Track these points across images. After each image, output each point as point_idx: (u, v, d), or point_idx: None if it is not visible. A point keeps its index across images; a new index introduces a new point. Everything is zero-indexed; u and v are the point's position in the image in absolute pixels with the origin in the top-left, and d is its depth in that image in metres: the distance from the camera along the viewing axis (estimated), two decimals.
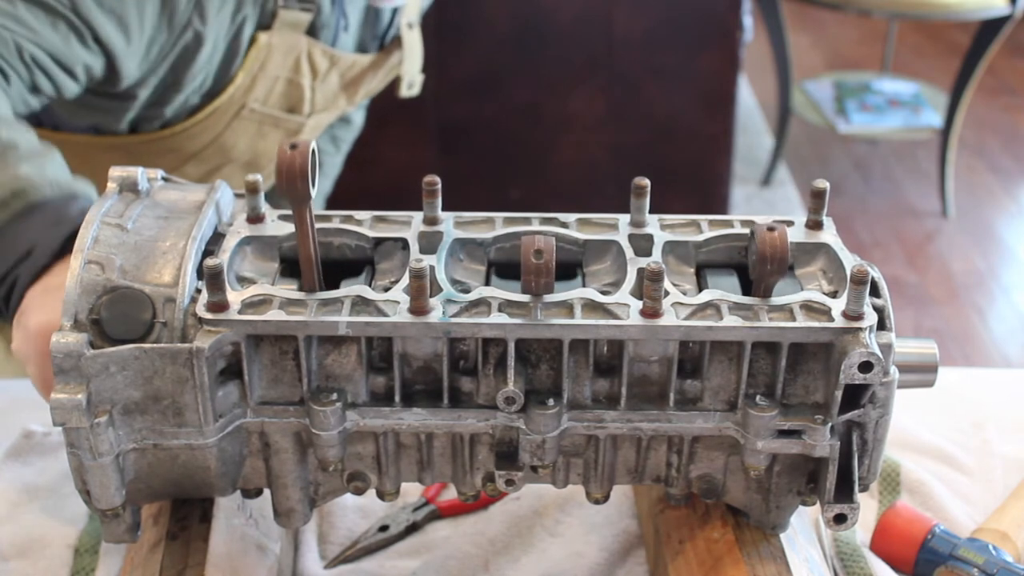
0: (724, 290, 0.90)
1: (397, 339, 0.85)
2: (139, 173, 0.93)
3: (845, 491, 0.88)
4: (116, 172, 0.93)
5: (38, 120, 1.33)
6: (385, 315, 0.84)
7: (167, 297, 0.85)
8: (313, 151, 0.86)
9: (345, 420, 0.87)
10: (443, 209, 0.96)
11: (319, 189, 1.85)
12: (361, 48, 1.57)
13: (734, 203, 3.33)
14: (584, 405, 0.88)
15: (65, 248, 0.98)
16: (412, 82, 1.67)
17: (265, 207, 0.96)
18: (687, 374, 0.88)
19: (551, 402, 0.86)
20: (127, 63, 1.26)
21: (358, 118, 1.86)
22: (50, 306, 0.92)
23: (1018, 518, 1.11)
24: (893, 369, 0.86)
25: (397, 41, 1.61)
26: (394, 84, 1.67)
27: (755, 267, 0.86)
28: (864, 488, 0.90)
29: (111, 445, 0.85)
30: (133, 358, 0.83)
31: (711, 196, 3.06)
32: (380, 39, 1.60)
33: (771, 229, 0.85)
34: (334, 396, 0.86)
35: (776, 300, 0.86)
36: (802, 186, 3.97)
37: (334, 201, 1.93)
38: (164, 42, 1.29)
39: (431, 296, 0.85)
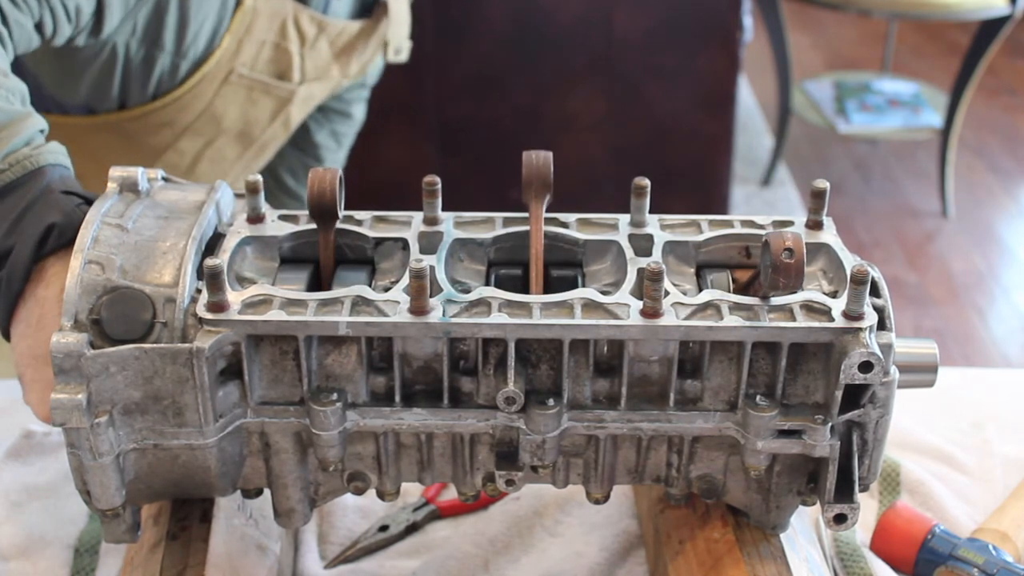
0: (724, 290, 0.90)
1: (397, 339, 0.85)
2: (139, 173, 0.93)
3: (845, 491, 0.88)
4: (116, 172, 0.93)
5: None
6: (385, 315, 0.84)
7: (167, 297, 0.85)
8: (341, 177, 0.91)
9: (345, 420, 0.87)
10: (443, 209, 0.96)
11: None
12: (354, 15, 1.57)
13: (734, 203, 3.34)
14: (584, 405, 0.88)
15: (37, 254, 0.92)
16: (399, 48, 1.67)
17: (265, 207, 0.96)
18: (687, 374, 0.88)
19: (551, 402, 0.86)
20: (112, 7, 1.26)
21: (358, 112, 1.86)
22: (44, 387, 0.91)
23: (1018, 518, 1.11)
24: (893, 369, 0.86)
25: (384, 8, 1.60)
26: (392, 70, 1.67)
27: (768, 279, 0.85)
28: (864, 488, 0.90)
29: (111, 445, 0.85)
30: (133, 358, 0.83)
31: (711, 196, 3.06)
32: (368, 5, 1.60)
33: (788, 251, 0.83)
34: (334, 396, 0.86)
35: (776, 300, 0.86)
36: (802, 186, 3.98)
37: None
38: None
39: (431, 296, 0.85)
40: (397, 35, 1.65)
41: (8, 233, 0.93)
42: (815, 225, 0.95)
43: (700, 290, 0.91)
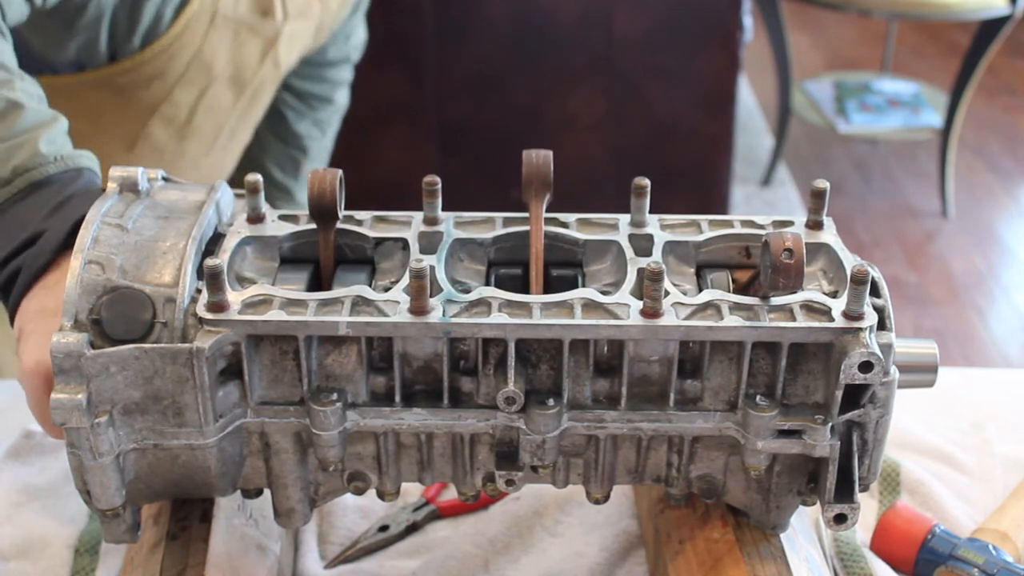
0: (724, 290, 0.90)
1: (397, 339, 0.85)
2: (139, 173, 0.93)
3: (845, 491, 0.88)
4: (116, 172, 0.93)
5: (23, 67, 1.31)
6: (385, 315, 0.84)
7: (167, 297, 0.85)
8: (341, 178, 0.91)
9: (345, 420, 0.87)
10: (443, 209, 0.96)
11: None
12: None
13: (734, 203, 3.34)
14: (584, 405, 0.88)
15: (69, 241, 0.96)
16: None
17: (265, 207, 0.96)
18: (687, 374, 0.88)
19: (551, 402, 0.86)
20: None
21: (341, 98, 1.85)
22: (44, 339, 0.91)
23: (1018, 518, 1.11)
24: (893, 369, 0.86)
25: None
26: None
27: (768, 279, 0.85)
28: (864, 488, 0.90)
29: (111, 445, 0.85)
30: (133, 358, 0.83)
31: (711, 196, 3.06)
32: None
33: (788, 251, 0.83)
34: (334, 396, 0.86)
35: (776, 300, 0.86)
36: (802, 186, 3.98)
37: None
38: None
39: (431, 296, 0.85)
40: None
41: (44, 219, 0.96)
42: (815, 225, 0.95)
43: (700, 290, 0.91)
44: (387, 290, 0.87)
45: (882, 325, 0.87)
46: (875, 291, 0.89)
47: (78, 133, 1.06)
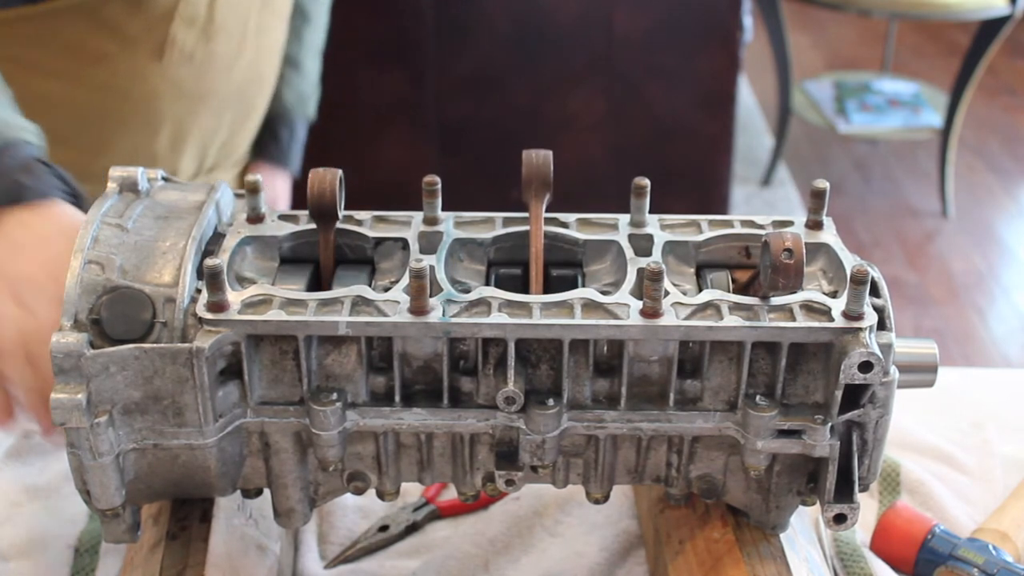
0: (724, 290, 0.90)
1: (397, 339, 0.85)
2: (139, 173, 0.93)
3: (845, 491, 0.88)
4: (116, 172, 0.93)
5: None
6: (385, 315, 0.84)
7: (167, 297, 0.85)
8: (341, 178, 0.91)
9: (345, 420, 0.87)
10: (443, 209, 0.96)
11: (314, 42, 1.82)
12: None
13: (734, 203, 3.34)
14: (584, 405, 0.88)
15: None
16: None
17: (265, 207, 0.96)
18: (687, 374, 0.88)
19: (551, 402, 0.86)
20: None
21: None
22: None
23: (1018, 518, 1.11)
24: (893, 369, 0.86)
25: None
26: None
27: (767, 279, 0.85)
28: (864, 488, 0.90)
29: (111, 445, 0.85)
30: (133, 358, 0.83)
31: (711, 196, 3.06)
32: None
33: (788, 251, 0.83)
34: (334, 396, 0.86)
35: (776, 300, 0.86)
36: (802, 186, 3.98)
37: None
38: None
39: (431, 296, 0.85)
40: None
41: None
42: (815, 225, 0.95)
43: (700, 290, 0.91)
44: (387, 290, 0.87)
45: (882, 325, 0.87)
46: (875, 291, 0.89)
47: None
